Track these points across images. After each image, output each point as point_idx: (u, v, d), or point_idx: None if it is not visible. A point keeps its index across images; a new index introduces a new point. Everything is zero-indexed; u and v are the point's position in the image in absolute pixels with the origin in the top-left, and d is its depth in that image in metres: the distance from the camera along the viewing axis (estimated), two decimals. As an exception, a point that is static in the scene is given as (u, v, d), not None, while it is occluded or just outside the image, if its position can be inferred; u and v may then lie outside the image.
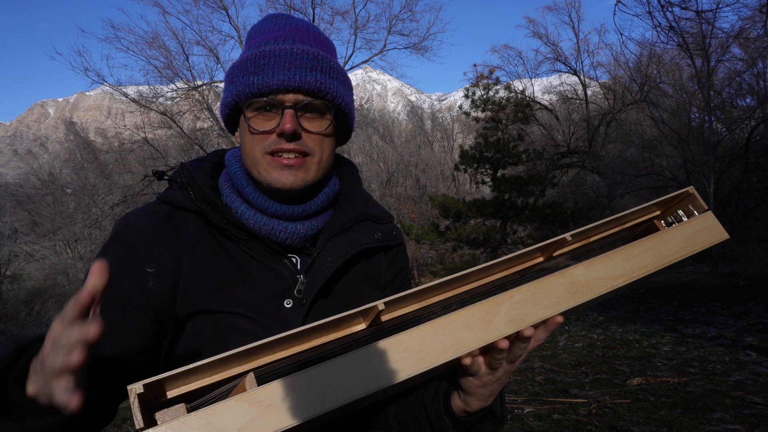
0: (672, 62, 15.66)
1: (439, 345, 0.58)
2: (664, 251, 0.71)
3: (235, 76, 0.80)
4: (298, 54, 0.78)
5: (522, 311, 0.62)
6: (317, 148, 0.81)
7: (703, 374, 3.63)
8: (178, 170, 0.86)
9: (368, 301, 0.89)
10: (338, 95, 0.81)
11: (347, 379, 0.53)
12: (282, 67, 0.76)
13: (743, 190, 11.64)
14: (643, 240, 0.71)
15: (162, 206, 0.83)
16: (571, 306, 0.64)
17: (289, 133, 0.76)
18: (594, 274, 0.67)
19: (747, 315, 5.63)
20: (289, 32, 0.83)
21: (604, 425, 2.84)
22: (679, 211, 0.78)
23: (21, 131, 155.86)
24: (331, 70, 0.80)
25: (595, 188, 17.31)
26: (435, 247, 13.76)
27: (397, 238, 0.97)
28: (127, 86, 15.91)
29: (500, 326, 0.61)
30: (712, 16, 6.88)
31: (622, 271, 0.68)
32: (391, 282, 0.97)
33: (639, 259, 0.69)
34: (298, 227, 0.84)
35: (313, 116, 0.80)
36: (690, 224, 0.74)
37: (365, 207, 0.93)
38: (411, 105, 50.27)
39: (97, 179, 20.10)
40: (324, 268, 0.82)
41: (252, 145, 0.80)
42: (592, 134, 18.34)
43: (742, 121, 12.89)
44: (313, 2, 16.30)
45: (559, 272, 0.66)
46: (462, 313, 0.60)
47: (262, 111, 0.78)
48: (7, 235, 22.31)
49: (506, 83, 14.58)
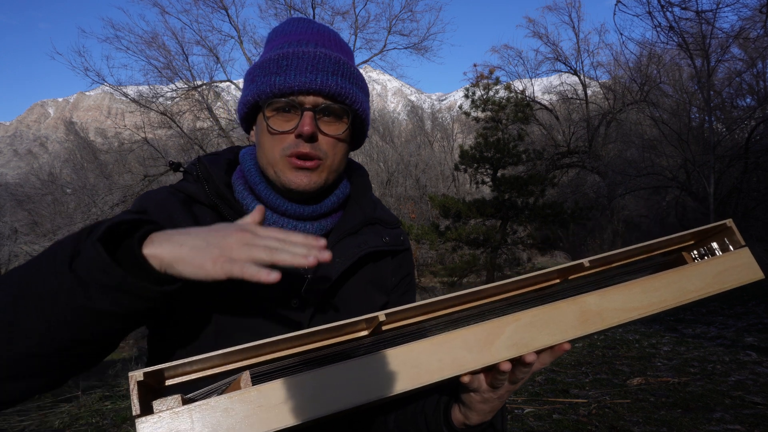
0: (672, 62, 15.66)
1: (436, 362, 0.57)
2: (688, 287, 0.66)
3: (256, 75, 0.81)
4: (320, 57, 0.79)
5: (527, 335, 0.60)
6: (330, 152, 0.82)
7: (703, 374, 3.63)
8: (195, 163, 0.87)
9: (374, 303, 0.90)
10: (357, 100, 0.82)
11: (340, 387, 0.53)
12: (304, 69, 0.77)
13: (743, 190, 11.63)
14: (667, 272, 0.67)
15: (179, 194, 0.84)
16: (578, 335, 0.62)
17: (307, 135, 0.77)
18: (608, 305, 0.64)
19: (747, 315, 5.64)
20: (311, 36, 0.84)
21: (604, 425, 2.84)
22: (714, 243, 0.74)
23: (21, 131, 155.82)
24: (351, 76, 0.81)
25: (595, 188, 17.31)
26: (435, 247, 13.76)
27: (404, 244, 0.98)
28: (127, 86, 15.93)
29: (501, 349, 0.60)
30: (712, 17, 6.88)
31: (638, 303, 0.64)
32: (396, 286, 0.97)
33: (659, 292, 0.65)
34: (307, 227, 0.85)
35: (331, 120, 0.81)
36: (722, 260, 0.69)
37: (374, 211, 0.94)
38: (411, 105, 50.28)
39: (97, 179, 20.10)
40: (332, 269, 0.82)
41: (271, 145, 0.80)
42: (592, 134, 18.34)
43: (742, 121, 12.88)
44: (313, 2, 16.31)
45: (572, 299, 0.63)
46: (463, 332, 0.59)
47: (282, 111, 0.79)
48: (7, 235, 22.31)
49: (506, 83, 14.58)
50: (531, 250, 15.38)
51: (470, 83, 14.49)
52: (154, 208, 0.79)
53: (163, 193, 0.83)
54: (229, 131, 15.82)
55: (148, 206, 0.80)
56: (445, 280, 13.14)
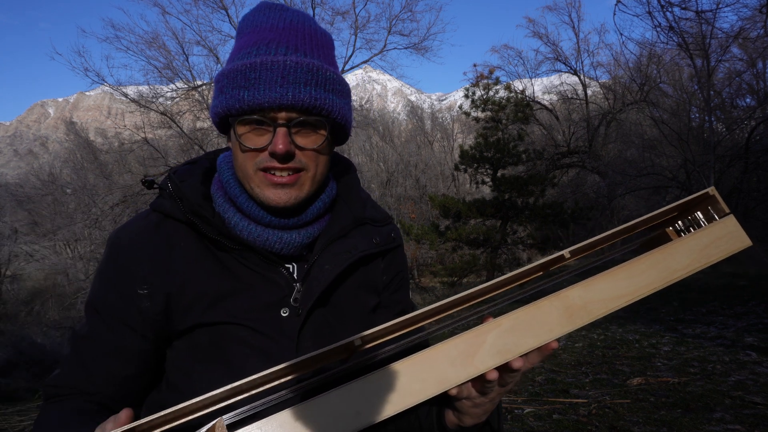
0: (672, 62, 15.66)
1: (419, 382, 0.54)
2: (674, 265, 0.63)
3: (224, 85, 0.75)
4: (291, 67, 0.73)
5: (510, 341, 0.57)
6: (311, 164, 0.78)
7: (703, 374, 3.63)
8: (167, 179, 0.83)
9: (365, 306, 0.89)
10: (334, 109, 0.77)
11: (320, 422, 0.51)
12: (274, 82, 0.72)
13: (743, 190, 11.62)
14: (651, 253, 0.63)
15: (153, 215, 0.82)
16: (566, 332, 0.59)
17: (280, 155, 0.73)
18: (592, 296, 0.60)
19: (747, 315, 5.63)
20: (282, 34, 0.77)
21: (604, 425, 2.84)
22: (698, 213, 0.69)
23: (21, 131, 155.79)
24: (326, 82, 0.76)
25: (595, 188, 17.31)
26: (435, 247, 13.76)
27: (396, 240, 0.95)
28: (126, 86, 15.92)
29: (486, 359, 0.57)
30: (712, 17, 6.88)
31: (624, 290, 0.61)
32: (387, 285, 0.95)
33: (644, 275, 0.62)
34: (293, 236, 0.81)
35: (308, 132, 0.76)
36: (706, 232, 0.65)
37: (363, 210, 0.91)
38: (411, 105, 50.25)
39: (97, 179, 20.11)
40: (321, 276, 0.80)
41: (243, 160, 0.77)
42: (592, 134, 18.34)
43: (742, 121, 12.88)
44: (313, 2, 16.31)
45: (553, 295, 0.60)
46: (444, 346, 0.56)
47: (254, 126, 0.75)
48: (7, 235, 22.31)
49: (506, 83, 14.59)
50: (531, 250, 15.37)
51: (470, 83, 14.50)
52: (123, 255, 0.79)
53: (133, 229, 0.81)
54: (229, 131, 15.81)
55: (118, 253, 0.80)
56: (445, 280, 13.14)
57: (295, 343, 0.78)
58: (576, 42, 20.92)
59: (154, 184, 0.85)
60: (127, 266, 0.78)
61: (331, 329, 0.82)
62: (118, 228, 0.83)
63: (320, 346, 0.80)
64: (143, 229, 0.81)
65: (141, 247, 0.79)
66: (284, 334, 0.78)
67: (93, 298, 0.81)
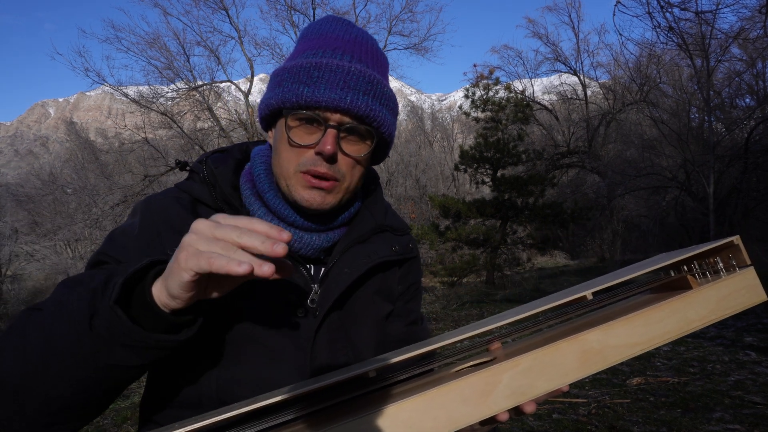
0: (672, 62, 15.66)
1: (430, 420, 0.53)
2: (691, 315, 0.62)
3: (283, 79, 0.76)
4: (353, 74, 0.74)
5: (525, 382, 0.56)
6: (348, 173, 0.78)
7: (702, 374, 3.64)
8: (201, 164, 0.83)
9: (380, 314, 0.89)
10: (384, 123, 0.78)
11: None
12: (335, 84, 0.73)
13: (743, 190, 11.62)
14: (669, 302, 0.62)
15: (184, 195, 0.81)
16: (578, 378, 0.58)
17: (327, 155, 0.74)
18: (610, 341, 0.59)
19: (746, 315, 5.64)
20: (348, 44, 0.79)
21: (604, 425, 2.85)
22: (717, 258, 0.69)
23: (22, 131, 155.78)
24: (382, 96, 0.77)
25: (595, 188, 17.31)
26: (435, 247, 13.75)
27: (413, 251, 0.95)
28: (127, 86, 15.89)
29: (500, 399, 0.55)
30: (712, 17, 6.88)
31: (640, 338, 0.60)
32: (402, 294, 0.95)
33: (662, 324, 0.61)
34: (314, 239, 0.81)
35: (355, 139, 0.77)
36: (726, 283, 0.64)
37: (384, 218, 0.91)
38: (411, 105, 50.25)
39: (97, 179, 20.10)
40: (340, 279, 0.80)
41: (288, 157, 0.77)
42: (592, 134, 18.36)
43: (742, 121, 12.88)
44: (313, 2, 16.31)
45: (572, 337, 0.58)
46: (459, 383, 0.54)
47: (305, 123, 0.75)
48: (8, 235, 22.30)
49: (506, 83, 14.56)
50: (531, 250, 15.36)
51: (470, 83, 14.47)
52: (152, 217, 0.76)
53: (165, 198, 0.80)
54: (230, 132, 15.82)
55: (146, 214, 0.77)
56: (445, 280, 13.12)
57: (310, 344, 0.78)
58: (576, 42, 20.96)
59: (186, 166, 0.85)
60: (158, 230, 0.75)
61: (345, 333, 0.82)
62: (148, 197, 0.81)
63: (334, 349, 0.80)
64: (174, 204, 0.79)
65: (170, 216, 0.76)
66: (300, 335, 0.78)
67: (106, 249, 0.74)
